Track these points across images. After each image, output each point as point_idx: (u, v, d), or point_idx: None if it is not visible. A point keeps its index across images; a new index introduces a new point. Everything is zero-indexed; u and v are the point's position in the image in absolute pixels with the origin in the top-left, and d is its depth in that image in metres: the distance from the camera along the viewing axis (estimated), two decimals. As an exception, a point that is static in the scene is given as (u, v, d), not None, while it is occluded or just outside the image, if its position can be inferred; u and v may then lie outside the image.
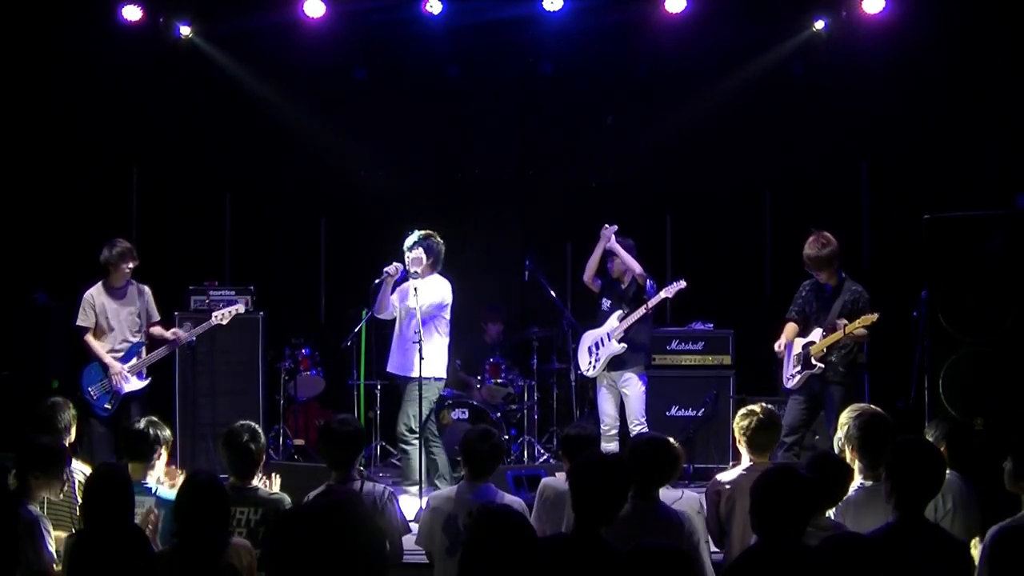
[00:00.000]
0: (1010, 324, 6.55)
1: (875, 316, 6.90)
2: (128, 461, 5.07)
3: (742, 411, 5.16)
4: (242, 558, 4.10)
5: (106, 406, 7.52)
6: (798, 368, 7.17)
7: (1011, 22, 8.63)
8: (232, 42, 9.74)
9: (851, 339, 7.02)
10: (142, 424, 5.14)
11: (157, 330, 7.80)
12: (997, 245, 6.69)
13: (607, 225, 7.98)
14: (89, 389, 7.53)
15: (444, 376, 7.51)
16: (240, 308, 8.16)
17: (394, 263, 7.40)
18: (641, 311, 7.85)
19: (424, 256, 7.38)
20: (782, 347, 7.29)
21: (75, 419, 5.64)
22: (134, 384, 7.61)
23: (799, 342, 7.21)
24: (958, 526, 4.56)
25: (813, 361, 7.07)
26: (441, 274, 7.54)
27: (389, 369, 7.63)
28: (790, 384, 7.23)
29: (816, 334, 7.12)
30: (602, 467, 4.01)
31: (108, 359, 7.54)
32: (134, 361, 7.62)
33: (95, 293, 7.65)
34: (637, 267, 7.90)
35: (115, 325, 7.64)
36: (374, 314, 7.62)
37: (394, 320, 7.60)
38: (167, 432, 5.19)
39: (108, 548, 4.04)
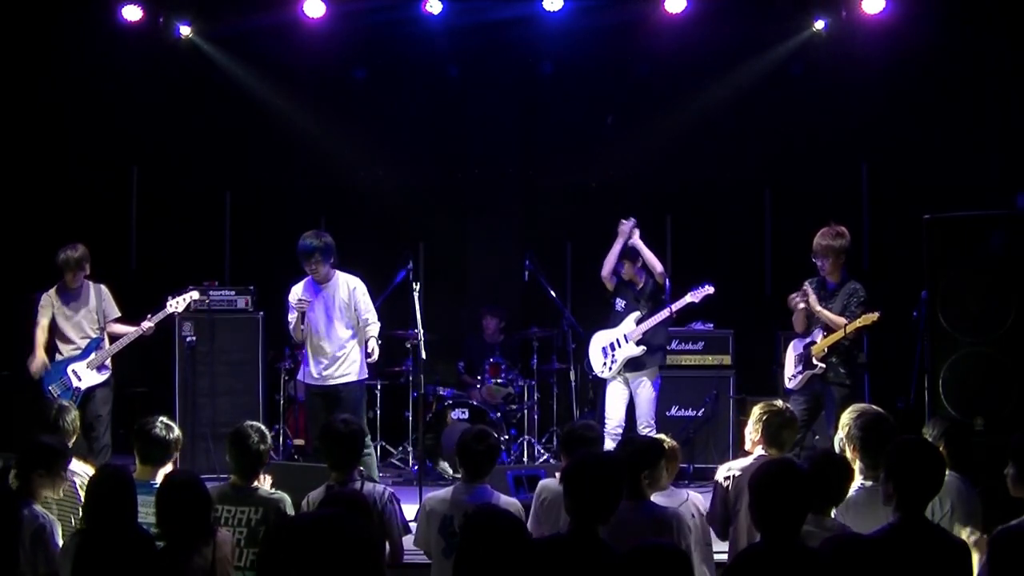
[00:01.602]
0: (1010, 324, 6.55)
1: (876, 315, 6.90)
2: (140, 463, 5.06)
3: (764, 403, 5.17)
4: (224, 550, 4.10)
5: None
6: (799, 368, 7.17)
7: (1011, 22, 8.64)
8: (232, 42, 9.74)
9: (851, 335, 7.00)
10: (160, 429, 5.05)
11: (119, 327, 7.77)
12: (997, 245, 6.68)
13: (623, 220, 7.83)
14: (49, 388, 7.55)
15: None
16: (195, 294, 8.09)
17: (299, 297, 7.46)
18: (664, 313, 7.71)
19: (323, 262, 7.38)
20: (795, 298, 7.24)
21: (79, 421, 5.66)
22: (94, 378, 7.61)
23: (801, 342, 7.21)
24: (958, 526, 4.55)
25: (814, 361, 7.07)
26: (341, 268, 7.53)
27: (316, 382, 7.47)
28: (792, 384, 7.22)
29: (817, 333, 7.13)
30: (595, 467, 4.00)
31: (38, 350, 7.61)
32: (93, 356, 7.62)
33: (51, 295, 7.71)
34: (660, 266, 7.77)
35: (72, 325, 7.67)
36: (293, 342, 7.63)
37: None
38: (178, 433, 5.15)
39: (113, 549, 4.04)
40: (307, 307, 7.41)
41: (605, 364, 7.89)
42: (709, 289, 7.73)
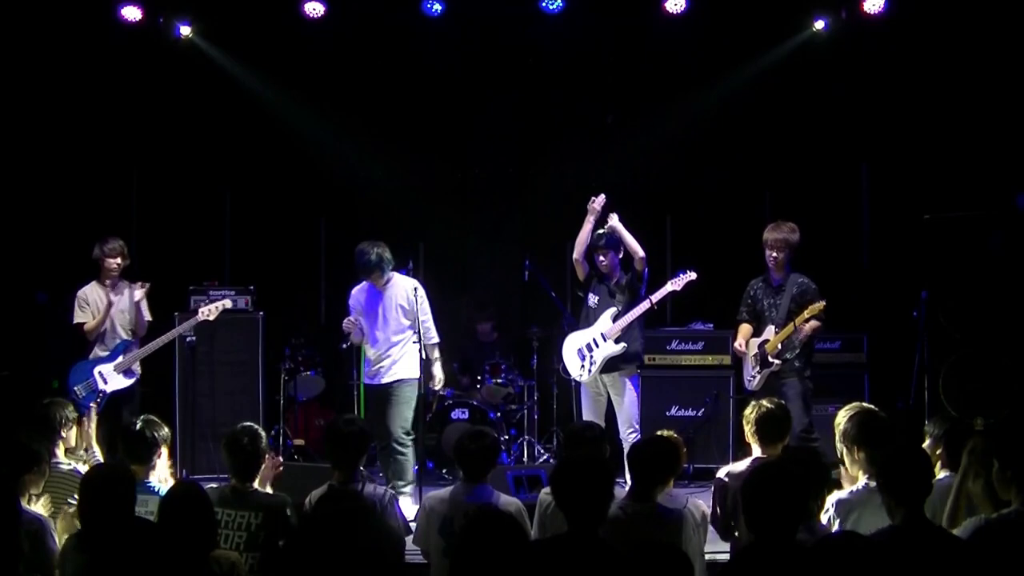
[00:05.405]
0: (1010, 324, 6.56)
1: (822, 303, 6.87)
2: (129, 463, 5.02)
3: (754, 402, 5.21)
4: (223, 568, 4.04)
5: (91, 405, 7.51)
6: (756, 368, 7.13)
7: (1011, 22, 8.64)
8: (232, 42, 9.74)
9: (804, 334, 6.95)
10: (138, 425, 5.05)
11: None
12: (997, 245, 6.70)
13: (594, 197, 7.54)
14: (75, 388, 7.49)
15: None
16: (227, 303, 8.06)
17: (347, 319, 7.43)
18: (644, 306, 7.39)
19: (381, 276, 7.36)
20: (742, 346, 7.21)
21: (74, 419, 5.62)
22: (120, 382, 7.54)
23: (754, 342, 7.17)
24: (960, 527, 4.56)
25: (770, 359, 7.04)
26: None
27: (378, 381, 7.43)
28: (751, 385, 7.19)
29: (769, 331, 7.09)
30: (579, 469, 4.00)
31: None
32: (121, 359, 7.57)
33: (88, 290, 7.68)
34: (641, 251, 7.39)
35: (105, 323, 7.62)
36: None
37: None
38: (165, 431, 5.11)
39: (115, 544, 4.00)
40: (355, 329, 7.40)
41: (583, 367, 7.51)
42: (691, 275, 7.44)
